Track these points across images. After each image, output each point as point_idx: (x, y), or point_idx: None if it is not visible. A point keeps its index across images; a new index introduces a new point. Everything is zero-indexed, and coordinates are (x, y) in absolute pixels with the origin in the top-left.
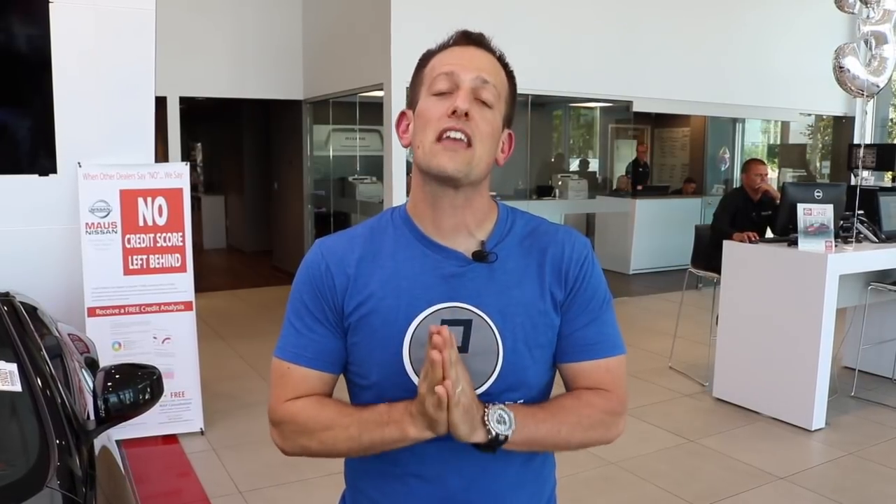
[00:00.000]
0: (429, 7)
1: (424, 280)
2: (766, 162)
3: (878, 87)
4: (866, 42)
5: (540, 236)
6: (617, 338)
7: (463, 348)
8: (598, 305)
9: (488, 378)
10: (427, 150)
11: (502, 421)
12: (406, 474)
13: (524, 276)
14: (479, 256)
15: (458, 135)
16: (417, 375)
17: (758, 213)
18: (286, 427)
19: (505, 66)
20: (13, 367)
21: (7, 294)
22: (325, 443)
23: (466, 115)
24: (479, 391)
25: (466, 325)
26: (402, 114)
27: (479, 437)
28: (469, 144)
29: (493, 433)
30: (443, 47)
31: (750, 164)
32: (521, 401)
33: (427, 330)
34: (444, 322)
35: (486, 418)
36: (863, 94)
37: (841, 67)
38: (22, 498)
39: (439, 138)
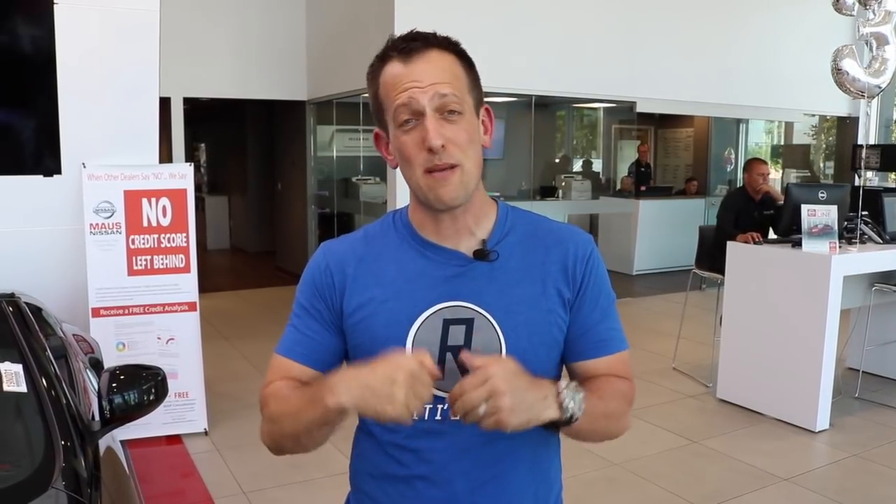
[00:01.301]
0: (432, 8)
1: (426, 281)
2: (767, 162)
3: (879, 88)
4: (867, 43)
5: (543, 235)
6: (622, 333)
7: (465, 347)
8: (607, 301)
9: None
10: (422, 185)
11: (573, 401)
12: (412, 477)
13: (527, 275)
14: (481, 255)
15: (444, 165)
16: None
17: (760, 213)
18: (263, 412)
19: (453, 48)
20: (18, 367)
21: (12, 295)
22: (280, 424)
23: (443, 145)
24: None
25: (468, 323)
26: (377, 135)
27: (551, 414)
28: (456, 165)
29: (568, 413)
30: (384, 60)
31: (752, 164)
32: None
33: (429, 330)
34: (445, 321)
35: (561, 397)
36: (863, 96)
37: (839, 69)
38: (27, 498)
39: (427, 171)
